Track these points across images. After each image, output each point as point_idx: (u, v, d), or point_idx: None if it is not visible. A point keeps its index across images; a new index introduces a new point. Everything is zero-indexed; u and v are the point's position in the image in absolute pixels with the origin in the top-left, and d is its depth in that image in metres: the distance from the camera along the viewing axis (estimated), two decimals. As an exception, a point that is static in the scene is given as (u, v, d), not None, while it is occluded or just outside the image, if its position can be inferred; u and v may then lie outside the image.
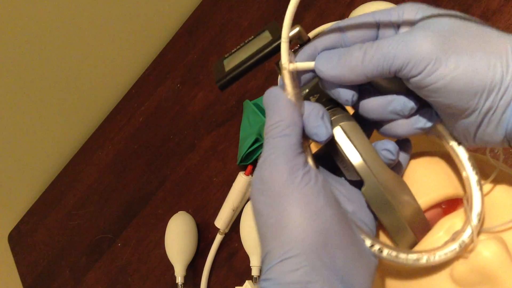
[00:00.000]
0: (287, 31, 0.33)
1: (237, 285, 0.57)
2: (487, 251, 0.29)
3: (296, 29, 0.41)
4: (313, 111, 0.32)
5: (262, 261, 0.29)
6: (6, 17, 0.75)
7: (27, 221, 0.99)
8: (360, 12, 0.59)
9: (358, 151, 0.32)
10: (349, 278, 0.28)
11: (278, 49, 0.40)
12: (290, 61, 0.33)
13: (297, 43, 0.41)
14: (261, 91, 0.70)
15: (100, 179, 0.89)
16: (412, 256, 0.30)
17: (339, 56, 0.31)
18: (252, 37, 0.47)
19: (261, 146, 0.62)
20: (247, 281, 0.55)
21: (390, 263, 0.32)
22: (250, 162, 0.63)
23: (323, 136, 0.31)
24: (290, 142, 0.30)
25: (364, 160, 0.31)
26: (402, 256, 0.30)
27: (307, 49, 0.33)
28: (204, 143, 0.74)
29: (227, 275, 0.62)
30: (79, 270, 0.82)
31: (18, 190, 0.98)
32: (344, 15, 0.64)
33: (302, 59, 0.33)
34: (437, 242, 0.32)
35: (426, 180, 0.34)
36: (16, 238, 0.99)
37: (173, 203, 0.73)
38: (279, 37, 0.41)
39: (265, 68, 0.72)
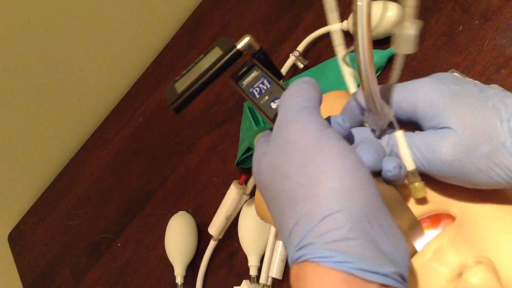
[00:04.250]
0: None
1: (236, 285, 0.57)
2: (475, 278, 0.28)
3: (246, 39, 0.40)
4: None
5: (291, 232, 0.27)
6: (6, 17, 0.75)
7: (27, 221, 0.99)
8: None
9: None
10: (392, 244, 0.26)
11: (231, 61, 0.40)
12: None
13: (249, 54, 0.40)
14: (261, 91, 0.70)
15: (100, 179, 0.88)
16: None
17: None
18: (202, 55, 0.45)
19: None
20: (244, 281, 0.55)
21: None
22: (247, 166, 0.63)
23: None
24: (310, 104, 0.30)
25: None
26: None
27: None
28: (204, 143, 0.74)
29: (227, 275, 0.62)
30: (79, 270, 0.82)
31: (18, 190, 0.98)
32: (344, 14, 0.64)
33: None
34: (426, 264, 0.32)
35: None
36: (16, 238, 0.99)
37: (173, 203, 0.73)
38: (230, 49, 0.40)
39: (265, 68, 0.72)
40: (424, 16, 0.56)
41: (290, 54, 0.63)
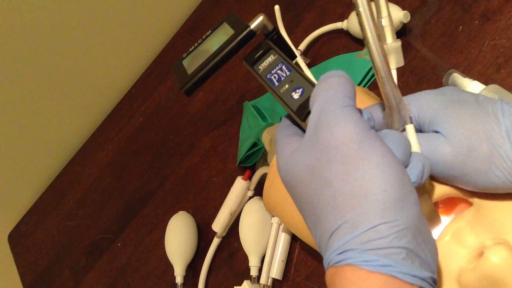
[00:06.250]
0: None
1: (236, 285, 0.57)
2: (495, 257, 0.29)
3: (260, 18, 0.37)
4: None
5: (330, 236, 0.27)
6: (6, 17, 0.75)
7: (27, 221, 0.99)
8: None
9: None
10: (429, 252, 0.27)
11: (244, 42, 0.37)
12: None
13: (262, 35, 0.38)
14: (261, 91, 0.70)
15: (100, 179, 0.88)
16: None
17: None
18: (210, 31, 0.42)
19: (260, 150, 0.61)
20: (245, 281, 0.55)
21: None
22: (249, 164, 0.63)
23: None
24: (352, 103, 0.29)
25: None
26: None
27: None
28: (204, 143, 0.74)
29: (227, 275, 0.62)
30: (79, 270, 0.82)
31: (18, 190, 0.98)
32: (344, 15, 0.64)
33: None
34: (446, 246, 0.32)
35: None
36: (16, 238, 0.99)
37: (173, 203, 0.73)
38: (243, 29, 0.37)
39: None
40: (424, 16, 0.56)
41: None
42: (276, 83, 0.35)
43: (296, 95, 0.33)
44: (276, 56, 0.36)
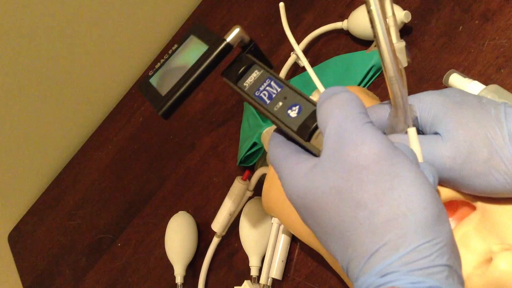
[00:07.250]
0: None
1: (236, 285, 0.57)
2: (504, 263, 0.29)
3: (236, 31, 0.35)
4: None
5: (369, 259, 0.26)
6: (6, 17, 0.75)
7: (27, 221, 0.99)
8: (360, 13, 0.59)
9: None
10: (461, 264, 0.27)
11: (221, 58, 0.35)
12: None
13: (239, 48, 0.36)
14: (261, 91, 0.70)
15: (100, 179, 0.88)
16: None
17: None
18: (176, 46, 0.38)
19: (259, 150, 0.61)
20: (245, 281, 0.55)
21: None
22: (250, 164, 0.63)
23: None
24: (369, 119, 0.28)
25: None
26: None
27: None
28: (204, 143, 0.74)
29: (227, 275, 0.62)
30: (79, 270, 0.82)
31: (18, 190, 0.98)
32: (344, 15, 0.64)
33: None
34: None
35: None
36: (16, 238, 0.99)
37: (173, 203, 0.73)
38: (219, 43, 0.35)
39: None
40: (424, 16, 0.56)
41: (291, 53, 0.63)
42: (268, 101, 0.32)
43: (293, 113, 0.31)
44: (261, 71, 0.34)
